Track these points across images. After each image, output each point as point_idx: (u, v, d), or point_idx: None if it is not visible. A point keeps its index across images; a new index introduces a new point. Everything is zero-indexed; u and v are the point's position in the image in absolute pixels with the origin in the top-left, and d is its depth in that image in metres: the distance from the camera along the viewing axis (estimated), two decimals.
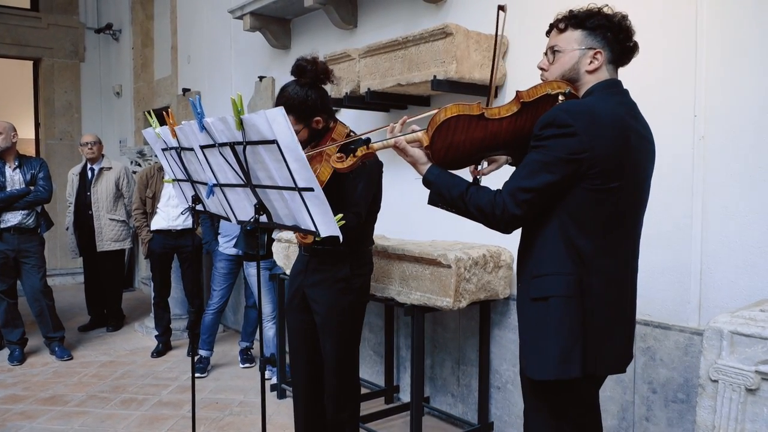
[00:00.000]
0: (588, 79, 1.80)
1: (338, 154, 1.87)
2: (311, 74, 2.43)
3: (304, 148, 2.38)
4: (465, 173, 1.88)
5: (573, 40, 1.80)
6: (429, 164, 1.85)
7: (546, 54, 1.87)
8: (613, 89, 1.80)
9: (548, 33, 1.91)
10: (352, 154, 1.84)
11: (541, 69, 1.88)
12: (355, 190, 2.50)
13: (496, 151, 1.91)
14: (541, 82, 1.86)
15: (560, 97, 1.78)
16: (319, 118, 2.46)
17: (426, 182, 1.86)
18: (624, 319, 1.84)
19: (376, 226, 2.73)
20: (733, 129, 2.41)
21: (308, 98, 2.42)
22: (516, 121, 1.80)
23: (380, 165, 2.64)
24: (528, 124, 1.80)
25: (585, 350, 1.74)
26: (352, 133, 2.53)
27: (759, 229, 2.35)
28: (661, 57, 2.59)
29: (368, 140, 1.85)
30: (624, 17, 1.80)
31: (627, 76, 2.70)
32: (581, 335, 1.73)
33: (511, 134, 1.83)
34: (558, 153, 1.66)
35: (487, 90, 3.22)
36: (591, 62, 1.78)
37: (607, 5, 1.81)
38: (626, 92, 1.83)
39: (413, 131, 1.87)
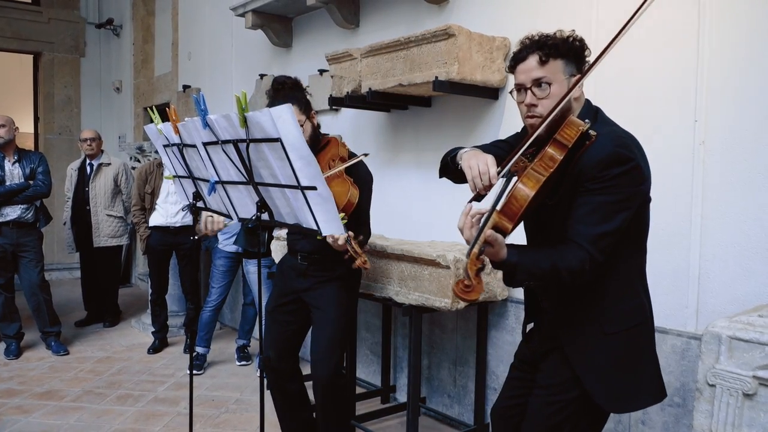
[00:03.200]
0: (575, 106, 1.73)
1: (464, 283, 1.49)
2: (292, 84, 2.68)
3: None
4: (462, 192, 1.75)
5: (558, 70, 1.69)
6: (506, 247, 1.59)
7: (529, 89, 1.70)
8: (595, 110, 1.77)
9: (513, 68, 1.75)
10: (474, 276, 1.49)
11: (531, 105, 1.70)
12: (363, 204, 2.68)
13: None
14: (566, 118, 1.65)
15: (591, 132, 1.62)
16: (313, 113, 2.69)
17: (508, 265, 1.60)
18: None
19: (375, 225, 2.78)
20: (733, 134, 2.41)
21: (306, 92, 2.68)
22: (559, 168, 1.63)
23: (372, 178, 2.81)
24: (562, 166, 1.64)
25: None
26: (349, 151, 2.74)
27: (757, 235, 2.36)
28: (663, 62, 2.60)
29: (468, 254, 1.53)
30: (580, 39, 1.72)
31: (629, 80, 2.72)
32: (656, 353, 1.83)
33: (554, 182, 1.66)
34: (630, 188, 1.64)
35: (488, 92, 3.25)
36: (576, 88, 1.68)
37: (571, 30, 1.75)
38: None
39: (479, 217, 1.58)
